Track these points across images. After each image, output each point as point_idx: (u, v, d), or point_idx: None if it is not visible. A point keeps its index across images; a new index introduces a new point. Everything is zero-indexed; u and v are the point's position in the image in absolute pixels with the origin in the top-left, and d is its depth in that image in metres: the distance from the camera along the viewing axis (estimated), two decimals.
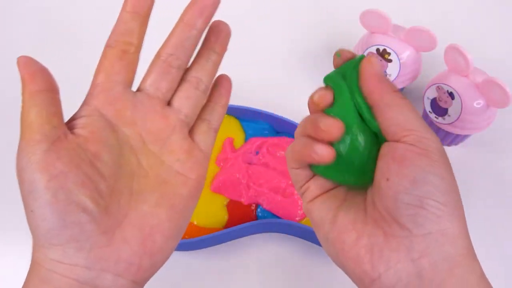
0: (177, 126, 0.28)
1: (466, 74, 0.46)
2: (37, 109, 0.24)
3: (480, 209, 0.49)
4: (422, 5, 0.66)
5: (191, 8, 0.28)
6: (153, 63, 0.29)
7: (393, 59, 0.49)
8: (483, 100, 0.45)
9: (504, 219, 0.49)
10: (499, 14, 0.65)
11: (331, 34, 0.61)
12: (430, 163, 0.24)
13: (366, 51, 0.50)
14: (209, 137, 0.30)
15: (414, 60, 0.50)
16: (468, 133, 0.49)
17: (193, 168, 0.28)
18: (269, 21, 0.64)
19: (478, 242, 0.47)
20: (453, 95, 0.46)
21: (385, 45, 0.49)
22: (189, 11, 0.28)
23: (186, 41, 0.28)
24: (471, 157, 0.53)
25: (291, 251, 0.47)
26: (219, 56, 0.30)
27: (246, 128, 0.52)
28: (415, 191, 0.23)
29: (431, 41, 0.47)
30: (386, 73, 0.50)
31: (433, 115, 0.50)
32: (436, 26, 0.48)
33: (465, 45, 0.44)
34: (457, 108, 0.47)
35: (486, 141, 0.53)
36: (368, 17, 0.49)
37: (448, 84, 0.47)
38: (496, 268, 0.46)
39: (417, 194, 0.23)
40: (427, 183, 0.23)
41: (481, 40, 0.60)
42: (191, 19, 0.28)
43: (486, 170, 0.52)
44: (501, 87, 0.42)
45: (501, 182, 0.51)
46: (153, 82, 0.28)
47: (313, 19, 0.64)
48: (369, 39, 0.50)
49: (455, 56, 0.45)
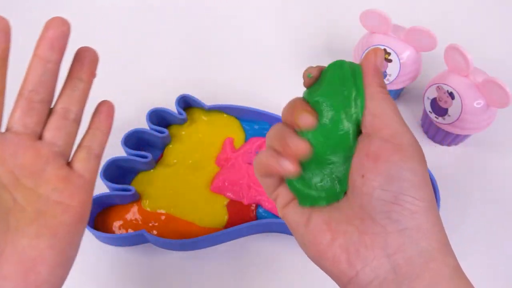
0: (50, 157, 0.28)
1: (466, 74, 0.46)
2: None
3: (480, 209, 0.49)
4: (422, 5, 0.66)
5: (41, 42, 0.28)
6: (17, 100, 0.29)
7: (393, 59, 0.49)
8: (483, 100, 0.45)
9: (504, 219, 0.49)
10: (499, 14, 0.65)
11: (331, 34, 0.61)
12: (404, 158, 0.24)
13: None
14: (90, 163, 0.30)
15: (414, 60, 0.50)
16: (468, 133, 0.49)
17: (73, 195, 0.28)
18: (269, 21, 0.64)
19: (478, 242, 0.48)
20: (453, 95, 0.46)
21: (385, 45, 0.49)
22: (40, 45, 0.28)
23: (43, 75, 0.28)
24: (471, 157, 0.53)
25: (291, 251, 0.47)
26: (86, 84, 0.31)
27: (246, 128, 0.52)
28: (390, 187, 0.23)
29: (431, 41, 0.47)
30: (386, 73, 0.50)
31: (433, 115, 0.50)
32: (436, 26, 0.48)
33: (465, 45, 0.44)
34: (457, 108, 0.47)
35: (486, 141, 0.53)
36: (368, 17, 0.49)
37: (448, 84, 0.47)
38: (496, 268, 0.47)
39: (393, 190, 0.23)
40: (402, 179, 0.23)
41: (481, 40, 0.60)
42: (43, 54, 0.28)
43: (486, 170, 0.52)
44: (501, 87, 0.42)
45: (501, 182, 0.51)
46: (18, 120, 0.28)
47: (313, 19, 0.64)
48: (369, 39, 0.50)
49: (455, 56, 0.45)
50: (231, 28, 0.64)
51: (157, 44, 0.64)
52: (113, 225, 0.48)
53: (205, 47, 0.63)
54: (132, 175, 0.50)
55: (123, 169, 0.49)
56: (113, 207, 0.48)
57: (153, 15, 0.67)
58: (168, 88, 0.57)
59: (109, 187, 0.48)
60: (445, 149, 0.53)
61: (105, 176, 0.47)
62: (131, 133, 0.50)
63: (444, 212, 0.46)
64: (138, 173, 0.50)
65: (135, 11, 0.67)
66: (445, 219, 0.47)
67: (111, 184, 0.47)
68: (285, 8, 0.66)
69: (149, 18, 0.66)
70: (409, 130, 0.25)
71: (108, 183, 0.47)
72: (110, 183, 0.47)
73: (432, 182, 0.46)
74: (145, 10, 0.67)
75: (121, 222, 0.48)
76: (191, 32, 0.64)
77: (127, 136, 0.50)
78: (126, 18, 0.66)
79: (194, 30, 0.64)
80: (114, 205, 0.48)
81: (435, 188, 0.46)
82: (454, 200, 0.49)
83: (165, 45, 0.63)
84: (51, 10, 0.67)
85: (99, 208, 0.48)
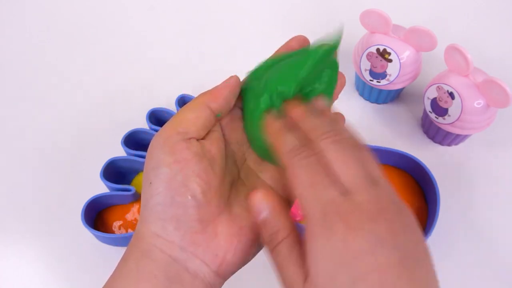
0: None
1: (466, 74, 0.46)
2: (196, 115, 0.28)
3: (480, 209, 0.49)
4: (422, 5, 0.65)
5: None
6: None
7: (393, 59, 0.49)
8: (483, 100, 0.45)
9: (504, 219, 0.49)
10: (499, 14, 0.65)
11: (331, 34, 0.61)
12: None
13: (366, 51, 0.50)
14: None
15: (414, 60, 0.50)
16: (468, 133, 0.49)
17: (284, 186, 0.30)
18: (270, 22, 0.64)
19: (478, 242, 0.48)
20: (453, 95, 0.46)
21: (385, 45, 0.49)
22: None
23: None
24: (471, 157, 0.53)
25: None
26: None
27: None
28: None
29: (431, 41, 0.47)
30: (386, 73, 0.50)
31: (433, 115, 0.50)
32: (436, 26, 0.48)
33: (465, 45, 0.44)
34: (457, 108, 0.47)
35: (486, 141, 0.53)
36: (368, 17, 0.49)
37: (448, 84, 0.47)
38: (496, 268, 0.47)
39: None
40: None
41: (481, 40, 0.60)
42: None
43: (486, 170, 0.52)
44: (501, 87, 0.42)
45: (501, 182, 0.51)
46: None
47: (313, 19, 0.64)
48: (369, 39, 0.50)
49: (455, 56, 0.45)
50: (231, 28, 0.64)
51: (157, 44, 0.64)
52: (113, 225, 0.48)
53: (205, 47, 0.63)
54: (132, 175, 0.50)
55: (123, 169, 0.49)
56: (113, 207, 0.48)
57: (153, 15, 0.67)
58: (168, 88, 0.57)
59: (109, 187, 0.48)
60: (445, 149, 0.53)
61: (105, 176, 0.47)
62: (131, 133, 0.50)
63: (444, 212, 0.46)
64: (138, 173, 0.50)
65: (135, 11, 0.67)
66: (445, 219, 0.47)
67: (111, 184, 0.47)
68: (285, 8, 0.66)
69: (150, 18, 0.66)
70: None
71: (108, 183, 0.47)
72: (110, 183, 0.47)
73: (432, 182, 0.46)
74: (146, 10, 0.67)
75: (121, 222, 0.48)
76: (191, 32, 0.64)
77: (127, 136, 0.50)
78: (126, 18, 0.66)
79: (194, 30, 0.64)
80: (114, 205, 0.48)
81: (435, 188, 0.46)
82: (454, 200, 0.49)
83: (165, 45, 0.63)
84: (52, 12, 0.67)
85: (99, 208, 0.48)
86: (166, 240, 0.26)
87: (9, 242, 0.49)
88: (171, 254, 0.26)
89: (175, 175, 0.26)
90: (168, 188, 0.26)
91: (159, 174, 0.26)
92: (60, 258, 0.48)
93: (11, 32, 0.65)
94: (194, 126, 0.27)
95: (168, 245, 0.26)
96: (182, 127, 0.27)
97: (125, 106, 0.58)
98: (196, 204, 0.26)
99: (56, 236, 0.49)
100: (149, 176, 0.27)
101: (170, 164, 0.26)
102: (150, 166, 0.27)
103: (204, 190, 0.26)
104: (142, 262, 0.26)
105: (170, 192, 0.26)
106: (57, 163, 0.53)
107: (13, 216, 0.51)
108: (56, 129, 0.56)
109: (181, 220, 0.26)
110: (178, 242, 0.26)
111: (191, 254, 0.26)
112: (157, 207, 0.26)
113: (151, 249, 0.26)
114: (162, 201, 0.26)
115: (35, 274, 0.47)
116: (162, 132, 0.27)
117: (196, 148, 0.27)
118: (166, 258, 0.26)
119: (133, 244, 0.27)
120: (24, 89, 0.59)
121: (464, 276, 0.46)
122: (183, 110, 0.28)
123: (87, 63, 0.62)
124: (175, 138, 0.27)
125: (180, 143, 0.26)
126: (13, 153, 0.54)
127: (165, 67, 0.61)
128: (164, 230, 0.26)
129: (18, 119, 0.57)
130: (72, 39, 0.64)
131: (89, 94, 0.59)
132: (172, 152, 0.26)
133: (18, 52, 0.63)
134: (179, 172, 0.26)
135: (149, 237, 0.26)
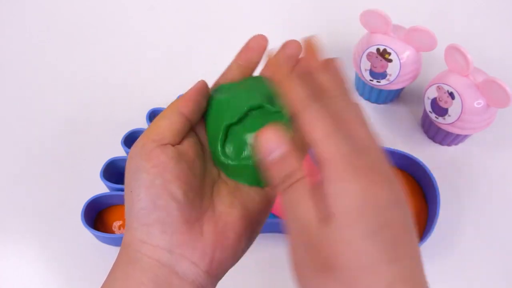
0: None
1: (466, 74, 0.46)
2: (169, 121, 0.28)
3: (480, 209, 0.49)
4: (422, 5, 0.66)
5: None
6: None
7: (393, 59, 0.49)
8: (483, 100, 0.45)
9: (504, 219, 0.49)
10: (499, 14, 0.65)
11: (331, 34, 0.61)
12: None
13: (366, 51, 0.50)
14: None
15: (414, 60, 0.50)
16: (468, 133, 0.49)
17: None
18: (269, 22, 0.64)
19: (478, 242, 0.48)
20: (453, 95, 0.46)
21: (385, 45, 0.49)
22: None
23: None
24: (471, 157, 0.53)
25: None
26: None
27: None
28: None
29: (431, 41, 0.47)
30: (386, 73, 0.50)
31: (434, 115, 0.50)
32: (436, 26, 0.48)
33: (465, 45, 0.44)
34: (457, 108, 0.47)
35: (486, 141, 0.53)
36: (368, 17, 0.49)
37: (448, 84, 0.47)
38: (496, 268, 0.47)
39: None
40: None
41: (481, 40, 0.60)
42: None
43: (486, 170, 0.52)
44: (501, 87, 0.42)
45: (501, 182, 0.51)
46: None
47: (313, 19, 0.64)
48: (369, 39, 0.50)
49: (455, 56, 0.45)
50: (231, 28, 0.64)
51: (157, 44, 0.64)
52: (113, 225, 0.48)
53: (205, 47, 0.63)
54: None
55: (123, 169, 0.49)
56: (113, 207, 0.48)
57: (153, 15, 0.67)
58: (168, 88, 0.57)
59: (109, 187, 0.48)
60: (445, 149, 0.53)
61: (105, 176, 0.47)
62: (131, 133, 0.50)
63: (444, 211, 0.46)
64: None
65: (135, 11, 0.67)
66: (445, 219, 0.47)
67: (111, 184, 0.47)
68: (285, 8, 0.66)
69: (150, 18, 0.66)
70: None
71: (108, 183, 0.47)
72: (110, 183, 0.47)
73: (432, 182, 0.46)
74: (146, 10, 0.67)
75: (121, 222, 0.48)
76: (192, 32, 0.64)
77: (127, 136, 0.50)
78: (126, 18, 0.66)
79: (194, 30, 0.64)
80: (114, 205, 0.48)
81: (435, 188, 0.46)
82: (454, 200, 0.49)
83: (165, 45, 0.63)
84: (52, 12, 0.67)
85: (99, 208, 0.48)
86: (152, 245, 0.26)
87: (9, 242, 0.49)
88: (159, 259, 0.26)
89: (154, 179, 0.26)
90: (149, 193, 0.26)
91: (138, 180, 0.26)
92: (60, 258, 0.48)
93: (11, 32, 0.65)
94: (168, 132, 0.27)
95: (155, 250, 0.26)
96: (156, 134, 0.27)
97: (125, 106, 0.58)
98: (178, 205, 0.26)
99: (56, 236, 0.49)
100: (130, 184, 0.27)
101: (148, 169, 0.26)
102: (129, 175, 0.27)
103: (185, 191, 0.26)
104: (130, 270, 0.26)
105: (151, 196, 0.26)
106: (57, 163, 0.53)
107: (13, 216, 0.51)
108: (56, 129, 0.56)
109: (166, 223, 0.26)
110: (165, 246, 0.26)
111: (180, 256, 0.26)
112: (141, 212, 0.26)
113: (138, 256, 0.26)
114: (144, 206, 0.26)
115: (35, 274, 0.47)
116: (138, 142, 0.28)
117: (172, 152, 0.27)
118: (154, 264, 0.26)
119: (121, 253, 0.27)
120: (24, 89, 0.59)
121: (464, 276, 0.46)
122: (157, 118, 0.29)
123: (87, 63, 0.62)
124: (151, 145, 0.27)
125: (156, 149, 0.27)
126: (13, 153, 0.54)
127: (165, 67, 0.61)
128: (149, 235, 0.26)
129: (18, 119, 0.57)
130: (72, 39, 0.64)
131: (89, 94, 0.59)
132: (149, 159, 0.26)
133: (18, 52, 0.63)
134: (158, 176, 0.26)
135: (135, 244, 0.26)
